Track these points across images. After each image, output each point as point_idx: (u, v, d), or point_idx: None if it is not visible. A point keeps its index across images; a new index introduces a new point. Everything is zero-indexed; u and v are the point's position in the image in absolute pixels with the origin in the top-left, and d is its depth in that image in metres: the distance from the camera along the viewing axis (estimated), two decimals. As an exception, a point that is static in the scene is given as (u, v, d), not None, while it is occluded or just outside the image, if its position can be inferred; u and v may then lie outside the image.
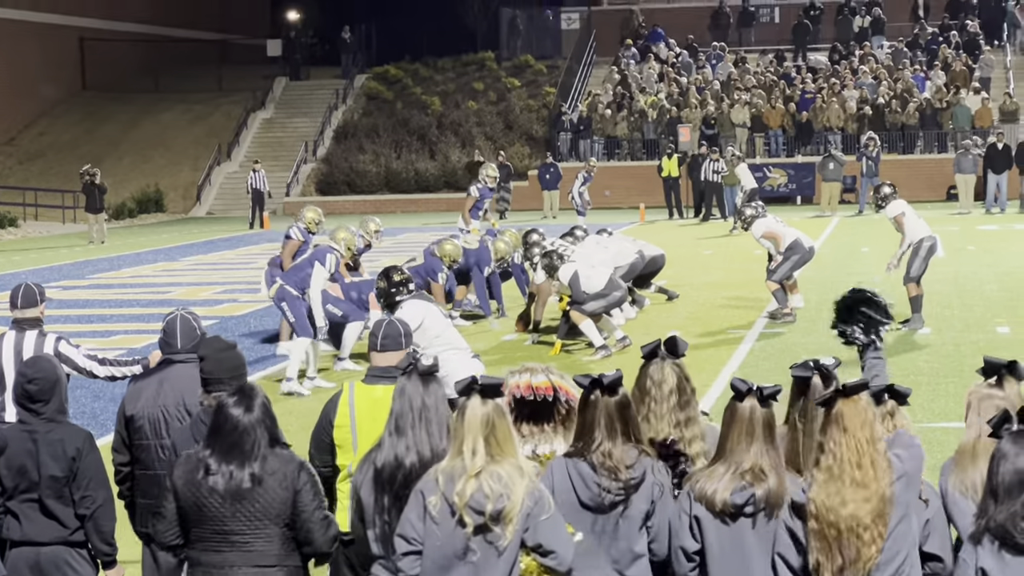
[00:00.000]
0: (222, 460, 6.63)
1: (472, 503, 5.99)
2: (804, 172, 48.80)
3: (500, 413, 6.12)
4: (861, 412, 5.92)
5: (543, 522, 6.04)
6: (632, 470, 6.35)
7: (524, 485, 6.03)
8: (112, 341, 22.02)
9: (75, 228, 48.32)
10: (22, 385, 7.69)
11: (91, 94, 62.85)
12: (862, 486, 5.87)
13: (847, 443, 5.89)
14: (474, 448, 6.05)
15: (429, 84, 60.60)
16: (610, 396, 6.39)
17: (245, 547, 6.63)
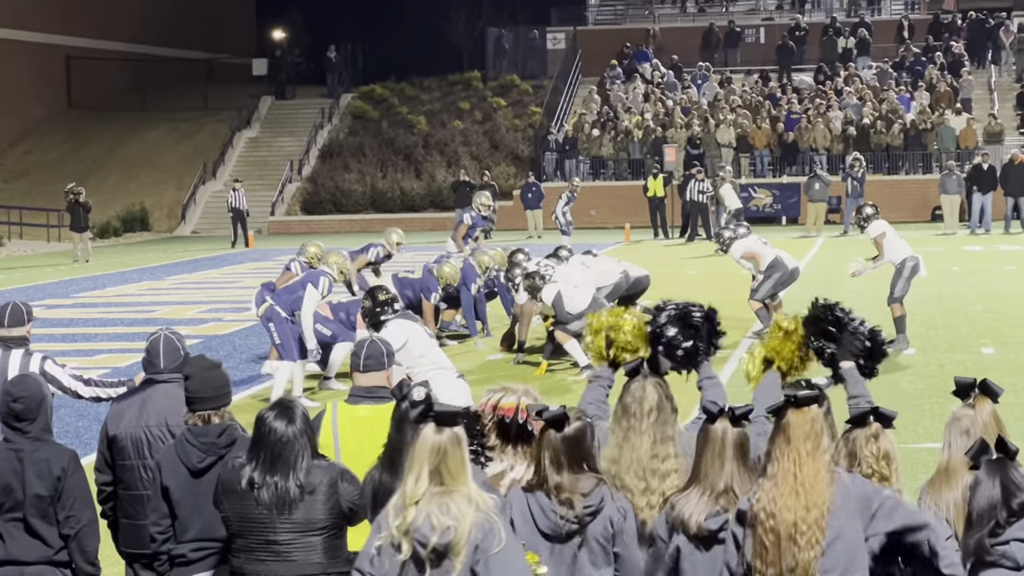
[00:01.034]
0: (267, 472, 6.71)
1: (416, 535, 5.89)
2: (789, 192, 48.89)
3: (455, 442, 5.98)
4: (807, 424, 5.93)
5: (495, 555, 5.91)
6: (588, 498, 6.37)
7: (472, 517, 5.91)
8: (96, 360, 21.98)
9: (60, 247, 48.25)
10: (8, 404, 7.67)
11: (77, 112, 62.79)
12: (800, 494, 5.87)
13: (789, 453, 5.92)
14: (418, 476, 5.94)
15: (415, 103, 60.62)
16: (556, 431, 6.39)
17: (289, 556, 6.72)
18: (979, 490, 5.82)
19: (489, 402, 7.03)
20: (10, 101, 59.14)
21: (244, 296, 30.82)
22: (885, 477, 6.31)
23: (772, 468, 5.96)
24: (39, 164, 58.41)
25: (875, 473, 6.30)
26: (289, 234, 53.12)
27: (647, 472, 6.70)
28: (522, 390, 7.09)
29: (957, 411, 6.63)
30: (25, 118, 60.48)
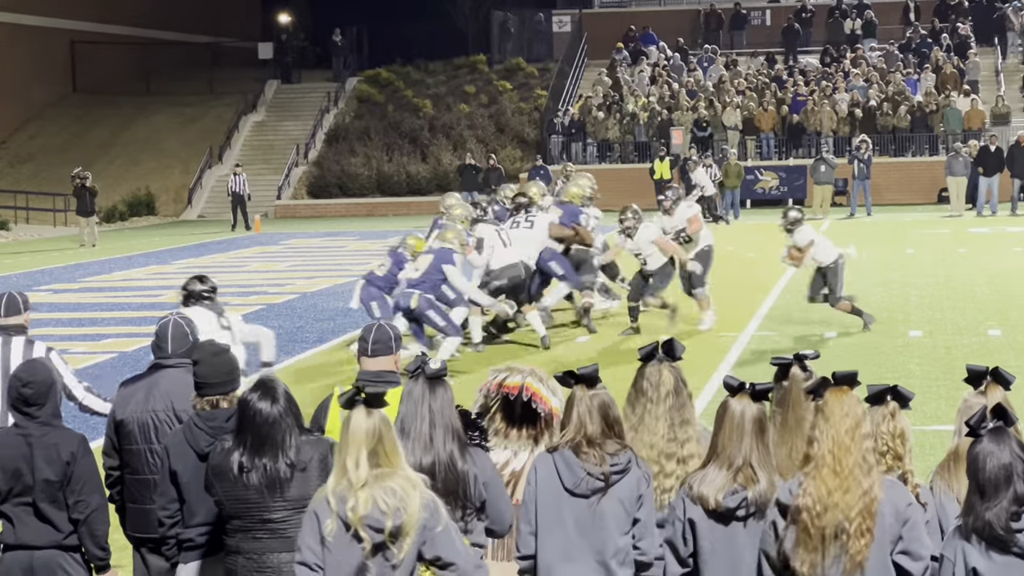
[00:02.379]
0: (255, 454, 6.72)
1: (369, 521, 5.90)
2: (795, 175, 48.82)
3: (387, 424, 6.03)
4: (845, 404, 5.95)
5: (439, 534, 5.98)
6: (615, 457, 6.41)
7: (418, 497, 5.95)
8: (103, 344, 22.00)
9: (66, 231, 48.28)
10: (17, 388, 7.67)
11: (82, 97, 62.77)
12: (843, 477, 5.87)
13: (830, 433, 5.92)
14: (357, 461, 5.94)
15: (420, 87, 60.60)
16: (588, 388, 6.46)
17: (284, 533, 6.73)
18: (988, 460, 5.76)
19: (494, 381, 7.05)
20: (14, 85, 59.12)
21: (250, 280, 30.87)
22: (899, 456, 6.32)
23: (813, 450, 5.97)
24: (44, 148, 58.40)
25: (890, 451, 6.30)
26: (295, 218, 53.18)
27: (662, 456, 6.70)
28: (528, 370, 7.12)
29: (969, 398, 6.62)
30: (30, 102, 60.46)
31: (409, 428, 6.49)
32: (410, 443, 6.46)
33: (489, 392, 7.05)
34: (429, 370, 6.56)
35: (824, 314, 21.53)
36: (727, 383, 6.37)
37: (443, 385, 6.57)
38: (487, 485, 6.55)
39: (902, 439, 6.34)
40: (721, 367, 18.09)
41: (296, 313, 25.08)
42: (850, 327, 21.01)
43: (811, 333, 20.63)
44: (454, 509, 6.41)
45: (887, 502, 5.92)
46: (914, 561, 5.96)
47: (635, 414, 6.81)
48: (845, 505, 5.83)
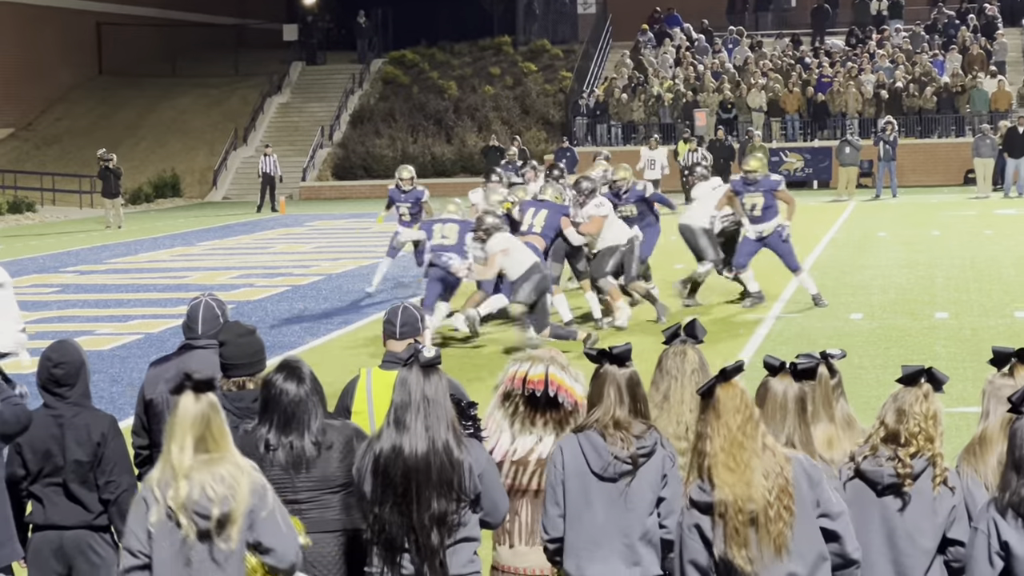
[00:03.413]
0: (281, 433, 6.74)
1: (196, 508, 5.86)
2: (821, 156, 48.69)
3: (215, 408, 5.99)
4: (736, 398, 5.85)
5: (263, 519, 5.95)
6: (642, 439, 6.42)
7: (247, 482, 5.92)
8: (129, 326, 22.07)
9: (92, 213, 48.40)
10: (48, 369, 7.69)
11: (108, 79, 62.88)
12: (739, 472, 5.78)
13: (722, 431, 5.81)
14: (182, 446, 5.90)
15: (445, 69, 60.56)
16: (619, 367, 6.46)
17: (308, 514, 6.75)
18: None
19: (517, 374, 7.02)
20: (41, 67, 59.25)
21: (276, 261, 30.92)
22: (931, 438, 6.29)
23: (705, 446, 5.85)
24: (71, 130, 58.53)
25: (922, 432, 6.28)
26: (320, 199, 53.23)
27: (690, 432, 6.70)
28: (548, 357, 7.08)
29: (996, 380, 6.61)
30: (56, 84, 60.60)
31: (403, 416, 6.42)
32: (404, 431, 6.40)
33: (513, 387, 7.01)
34: (423, 358, 6.49)
35: (848, 297, 21.50)
36: (768, 363, 6.38)
37: (437, 373, 6.50)
38: (482, 476, 6.47)
39: (934, 421, 6.32)
40: (746, 349, 18.08)
41: (321, 295, 25.12)
42: (876, 308, 20.98)
43: (836, 315, 20.60)
44: (448, 501, 6.37)
45: (799, 475, 5.86)
46: (834, 520, 5.94)
47: (660, 392, 6.83)
48: (750, 496, 5.75)
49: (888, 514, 6.35)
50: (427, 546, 6.35)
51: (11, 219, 46.58)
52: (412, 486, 6.34)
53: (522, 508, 6.97)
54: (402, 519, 6.36)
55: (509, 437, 7.05)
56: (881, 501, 6.35)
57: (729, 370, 5.87)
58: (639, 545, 6.44)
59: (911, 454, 6.27)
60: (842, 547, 5.97)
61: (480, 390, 9.22)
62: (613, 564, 6.45)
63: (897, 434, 6.31)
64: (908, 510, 6.31)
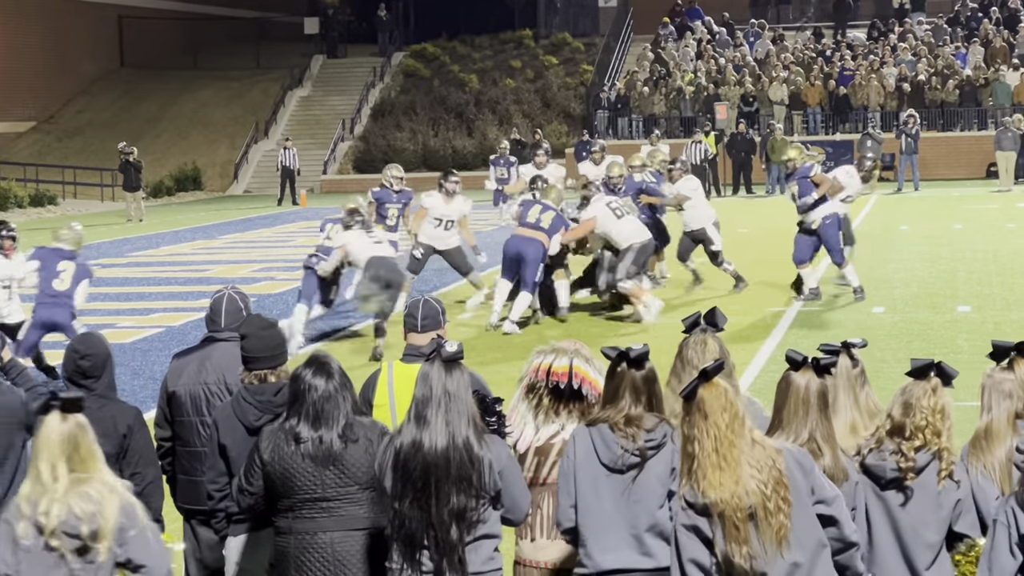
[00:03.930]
0: (310, 428, 6.75)
1: (65, 527, 5.82)
2: (842, 150, 48.48)
3: (82, 428, 5.97)
4: (720, 397, 5.80)
5: (132, 537, 5.93)
6: (651, 433, 6.42)
7: (116, 501, 5.90)
8: (151, 319, 22.11)
9: (113, 206, 48.49)
10: (75, 361, 7.69)
11: (129, 72, 62.99)
12: (730, 470, 5.73)
13: (712, 432, 5.75)
14: (55, 473, 5.85)
15: (466, 62, 60.54)
16: (636, 369, 6.45)
17: (336, 512, 6.75)
18: None
19: (541, 366, 7.01)
20: (63, 60, 59.37)
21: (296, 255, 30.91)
22: (938, 432, 6.29)
23: (694, 448, 5.79)
24: (92, 123, 58.64)
25: (928, 425, 6.27)
26: (341, 193, 53.22)
27: None
28: (572, 349, 7.08)
29: (996, 374, 6.57)
30: (78, 77, 60.72)
31: (424, 411, 6.40)
32: (424, 426, 6.38)
33: (537, 379, 7.01)
34: (445, 353, 6.45)
35: (870, 290, 21.46)
36: (790, 357, 6.34)
37: (459, 368, 6.47)
38: (502, 473, 6.44)
39: (942, 415, 6.30)
40: (767, 342, 18.06)
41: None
42: (898, 302, 20.93)
43: (857, 308, 20.56)
44: (467, 497, 6.34)
45: (792, 465, 5.83)
46: (829, 505, 5.92)
47: (680, 383, 6.80)
48: (745, 492, 5.71)
49: (891, 508, 6.35)
50: (446, 541, 6.32)
51: (33, 212, 46.67)
52: (431, 481, 6.32)
53: (544, 501, 6.97)
54: (421, 514, 6.33)
55: (533, 429, 7.06)
56: (884, 495, 6.36)
57: (710, 370, 5.81)
58: (647, 536, 6.44)
59: (916, 447, 6.26)
60: (840, 531, 5.96)
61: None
62: (624, 554, 6.46)
63: (903, 427, 6.30)
64: (911, 504, 6.31)
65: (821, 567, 5.82)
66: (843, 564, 6.00)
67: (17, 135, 58.12)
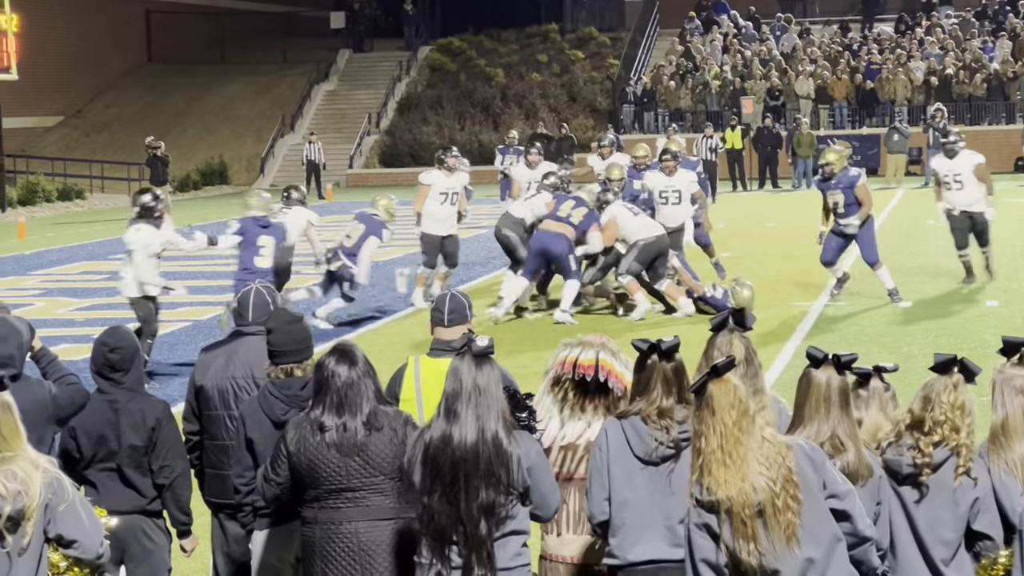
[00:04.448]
0: (333, 416, 6.75)
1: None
2: (869, 144, 48.45)
3: (5, 407, 5.98)
4: (730, 393, 5.80)
5: (62, 512, 5.95)
6: (684, 425, 6.41)
7: (40, 477, 5.91)
8: (177, 313, 22.15)
9: (141, 200, 48.51)
10: (104, 354, 7.71)
11: (156, 66, 63.13)
12: (735, 467, 5.73)
13: (718, 428, 5.76)
14: None
15: (493, 56, 60.53)
16: (667, 361, 6.46)
17: (362, 502, 6.77)
18: None
19: (568, 359, 7.02)
20: (91, 55, 59.53)
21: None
22: (956, 428, 6.27)
23: (701, 444, 5.80)
24: (120, 118, 58.79)
25: (947, 421, 6.25)
26: (367, 187, 53.26)
27: None
28: (599, 343, 7.08)
29: (1007, 370, 6.52)
30: (106, 72, 60.89)
31: (454, 406, 6.39)
32: (454, 421, 6.37)
33: (563, 371, 7.02)
34: (476, 347, 6.44)
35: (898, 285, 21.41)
36: (811, 354, 6.34)
37: (490, 363, 6.46)
38: (531, 470, 6.42)
39: (962, 411, 6.28)
40: (793, 337, 18.04)
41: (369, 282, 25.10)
42: (926, 296, 20.88)
43: (883, 303, 20.51)
44: (496, 492, 6.33)
45: (802, 461, 5.82)
46: (842, 500, 5.91)
47: None
48: (752, 488, 5.71)
49: (907, 504, 6.35)
50: (475, 536, 6.31)
51: (61, 206, 46.83)
52: (460, 475, 6.31)
53: (570, 496, 6.97)
54: (450, 509, 6.33)
55: (558, 423, 7.07)
56: (901, 490, 6.35)
57: (721, 366, 5.81)
58: (680, 528, 6.41)
59: (934, 443, 6.24)
60: (853, 525, 5.95)
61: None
62: (656, 545, 6.47)
63: (922, 421, 6.29)
64: (927, 500, 6.30)
65: (836, 562, 5.81)
66: (858, 559, 6.00)
67: (45, 130, 58.32)
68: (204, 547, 8.60)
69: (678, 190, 21.57)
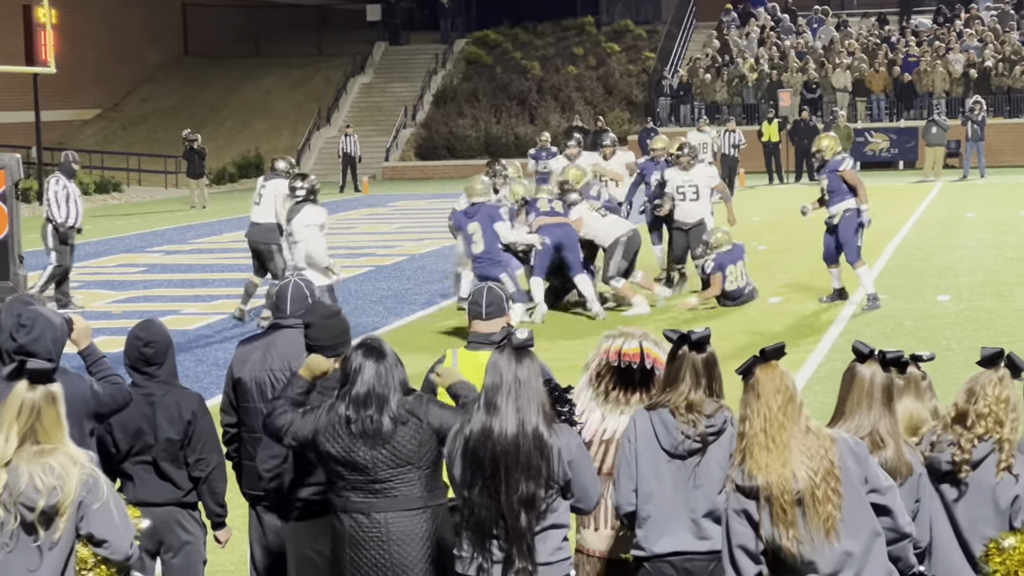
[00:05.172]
0: (360, 408, 6.73)
1: (22, 499, 5.84)
2: (907, 137, 48.26)
3: (49, 399, 5.96)
4: (776, 379, 5.82)
5: (95, 511, 5.93)
6: (712, 419, 6.39)
7: (77, 474, 5.89)
8: (214, 306, 22.21)
9: (177, 193, 48.75)
10: (139, 348, 7.72)
11: (193, 60, 63.32)
12: (777, 452, 5.75)
13: (762, 412, 5.79)
14: (7, 436, 5.88)
15: (529, 49, 60.51)
16: (697, 352, 6.42)
17: (391, 492, 6.76)
18: None
19: (612, 348, 7.00)
20: (127, 49, 59.75)
21: (359, 242, 31.03)
22: (1000, 422, 6.21)
23: (744, 428, 5.84)
24: (156, 111, 58.99)
25: (991, 413, 6.20)
26: (403, 179, 53.35)
27: None
28: (640, 333, 7.09)
29: None
30: (142, 66, 61.11)
31: (494, 399, 6.37)
32: (495, 414, 6.35)
33: (608, 359, 7.01)
34: (516, 340, 6.42)
35: (935, 278, 21.32)
36: (857, 349, 6.31)
37: (530, 356, 6.43)
38: (572, 463, 6.39)
39: (1006, 405, 6.22)
40: (831, 330, 17.96)
41: (404, 275, 25.17)
42: (963, 290, 20.78)
43: (923, 297, 20.41)
44: (537, 485, 6.31)
45: (845, 454, 5.81)
46: (883, 495, 5.89)
47: None
48: (791, 477, 5.70)
49: (948, 501, 6.31)
50: (515, 529, 6.29)
51: (98, 199, 46.98)
52: (500, 468, 6.30)
53: (607, 490, 6.95)
54: (490, 502, 6.31)
55: (599, 416, 7.05)
56: (940, 487, 6.32)
57: (769, 351, 5.83)
58: (704, 521, 6.44)
59: (978, 436, 6.19)
60: (894, 521, 5.94)
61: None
62: (682, 537, 6.46)
63: (966, 414, 6.24)
64: (966, 498, 6.25)
65: (875, 556, 5.80)
66: (896, 555, 5.98)
67: (82, 123, 58.56)
68: (241, 539, 8.60)
69: (695, 185, 21.48)
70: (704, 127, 40.74)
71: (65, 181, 22.03)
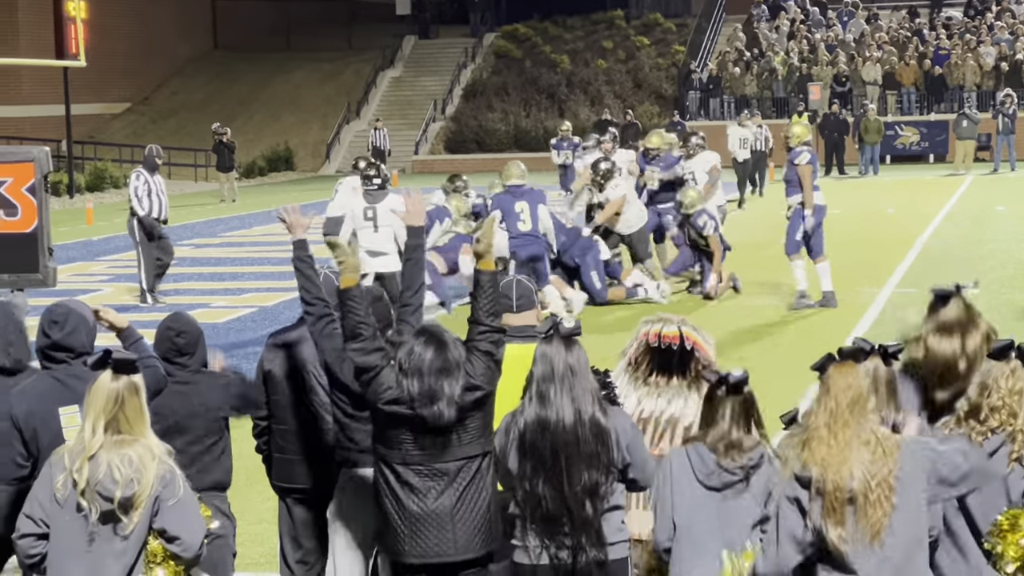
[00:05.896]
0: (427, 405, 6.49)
1: (100, 489, 5.86)
2: (937, 130, 48.11)
3: (133, 390, 5.98)
4: (848, 376, 5.81)
5: (170, 507, 5.95)
6: (751, 452, 6.33)
7: (155, 468, 5.90)
8: (244, 299, 22.26)
9: (207, 187, 48.84)
10: (171, 339, 7.73)
11: (223, 53, 63.45)
12: (838, 449, 5.74)
13: (829, 406, 5.79)
14: (94, 427, 5.90)
15: (558, 43, 60.50)
16: (735, 395, 6.35)
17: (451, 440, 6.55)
18: None
19: (651, 331, 7.04)
20: (158, 42, 59.90)
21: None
22: (1014, 414, 6.14)
23: (810, 420, 5.86)
24: (186, 104, 59.13)
25: (1005, 406, 6.15)
26: (433, 173, 53.33)
27: None
28: (678, 319, 7.17)
29: None
30: (173, 59, 61.27)
31: (546, 389, 6.38)
32: (547, 404, 6.35)
33: (648, 341, 7.04)
34: (564, 329, 6.42)
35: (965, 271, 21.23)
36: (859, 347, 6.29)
37: (578, 344, 6.45)
38: (630, 446, 6.45)
39: (1019, 397, 6.16)
40: (861, 323, 17.92)
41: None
42: (993, 283, 20.71)
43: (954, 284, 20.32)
44: (599, 472, 6.33)
45: (914, 469, 5.78)
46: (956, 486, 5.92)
47: None
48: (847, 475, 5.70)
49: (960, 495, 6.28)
50: (581, 517, 6.34)
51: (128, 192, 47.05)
52: (561, 459, 6.33)
53: None
54: (555, 493, 6.34)
55: (635, 400, 7.08)
56: None
57: (846, 351, 5.85)
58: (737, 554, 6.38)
59: (992, 428, 6.15)
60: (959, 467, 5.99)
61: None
62: (714, 568, 6.41)
63: (979, 408, 6.18)
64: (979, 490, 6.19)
65: (915, 566, 5.80)
66: None
67: (112, 116, 58.74)
68: (271, 532, 8.63)
69: (692, 171, 21.78)
70: (746, 121, 40.55)
71: (147, 175, 22.30)
